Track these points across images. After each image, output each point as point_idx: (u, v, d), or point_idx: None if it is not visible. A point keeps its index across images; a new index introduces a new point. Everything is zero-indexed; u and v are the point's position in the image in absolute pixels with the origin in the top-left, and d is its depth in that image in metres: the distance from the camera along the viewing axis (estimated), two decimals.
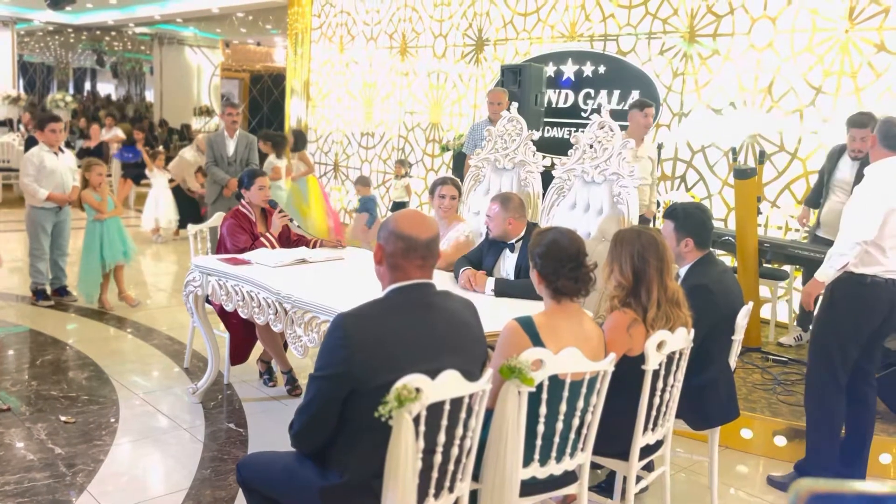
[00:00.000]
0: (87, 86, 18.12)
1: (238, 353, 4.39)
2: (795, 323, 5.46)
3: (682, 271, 3.19)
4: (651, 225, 5.44)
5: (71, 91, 17.87)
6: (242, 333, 4.32)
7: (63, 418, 3.79)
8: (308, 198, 7.80)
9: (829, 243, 4.94)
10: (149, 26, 15.84)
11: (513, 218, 3.78)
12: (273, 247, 4.28)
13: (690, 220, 3.17)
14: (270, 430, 3.86)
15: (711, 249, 3.29)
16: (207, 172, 6.62)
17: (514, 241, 3.81)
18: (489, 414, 2.21)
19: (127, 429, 3.75)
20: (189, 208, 8.94)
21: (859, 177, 4.79)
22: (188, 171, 9.09)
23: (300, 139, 8.35)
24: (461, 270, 3.74)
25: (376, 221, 7.31)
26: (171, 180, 9.04)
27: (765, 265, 5.29)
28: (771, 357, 4.92)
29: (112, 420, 3.85)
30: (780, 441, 3.90)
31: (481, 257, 3.93)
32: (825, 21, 5.66)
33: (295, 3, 10.55)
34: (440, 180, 4.40)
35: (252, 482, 2.27)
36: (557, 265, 2.42)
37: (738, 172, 4.94)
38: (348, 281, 3.73)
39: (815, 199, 5.17)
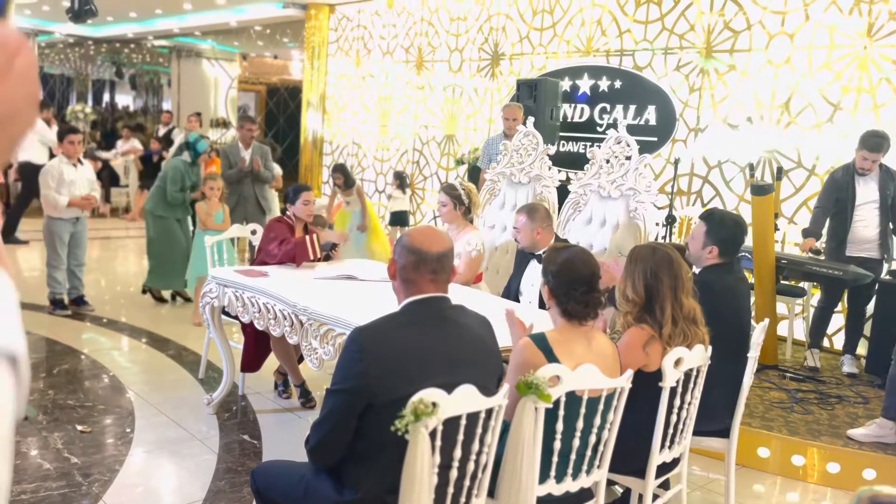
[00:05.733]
0: (106, 97, 18.29)
1: (251, 362, 4.39)
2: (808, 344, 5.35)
3: (697, 270, 3.21)
4: None
5: (90, 102, 18.07)
6: (257, 342, 4.33)
7: (79, 427, 3.81)
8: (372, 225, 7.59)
9: (859, 261, 4.91)
10: (167, 39, 16.01)
11: (540, 227, 3.80)
12: (314, 251, 4.19)
13: (723, 230, 3.17)
14: (285, 441, 3.86)
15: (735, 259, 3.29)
16: (223, 177, 6.65)
17: (541, 251, 3.82)
18: (505, 429, 2.20)
19: (142, 439, 3.77)
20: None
21: (883, 189, 4.80)
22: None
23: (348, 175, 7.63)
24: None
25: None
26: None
27: (782, 282, 5.25)
28: (788, 374, 4.87)
29: (127, 430, 3.86)
30: (798, 460, 3.86)
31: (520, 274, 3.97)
32: (843, 37, 5.64)
33: (312, 18, 10.65)
34: (440, 188, 4.43)
35: (266, 491, 2.27)
36: (569, 288, 2.39)
37: (756, 188, 4.92)
38: (364, 294, 3.73)
39: (817, 228, 5.09)
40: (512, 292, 4.00)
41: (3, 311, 0.50)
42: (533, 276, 3.84)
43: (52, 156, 9.71)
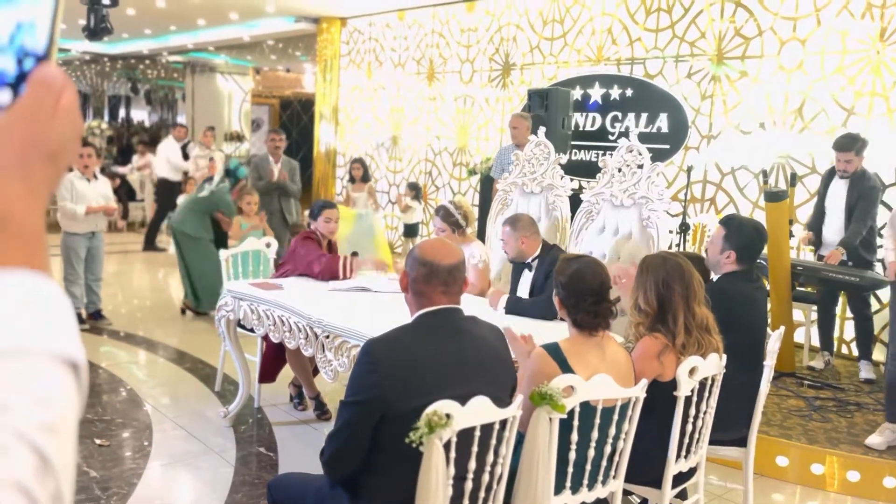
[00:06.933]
0: (122, 113, 18.50)
1: (268, 372, 4.41)
2: (820, 347, 5.35)
3: (716, 278, 3.21)
4: None
5: (106, 118, 18.29)
6: (275, 352, 4.35)
7: (97, 441, 3.84)
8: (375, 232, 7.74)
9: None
10: (182, 54, 16.18)
11: (524, 236, 3.81)
12: (346, 272, 4.17)
13: (741, 236, 3.19)
14: (301, 453, 3.87)
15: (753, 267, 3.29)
16: (256, 189, 6.69)
17: (530, 259, 3.84)
18: (519, 440, 2.21)
19: (159, 452, 3.79)
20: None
21: (850, 196, 4.83)
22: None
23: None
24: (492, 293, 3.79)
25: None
26: None
27: (797, 288, 5.22)
28: (806, 382, 4.83)
29: (145, 443, 3.89)
30: (817, 469, 3.82)
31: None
32: (856, 42, 5.61)
33: (324, 31, 10.73)
34: (434, 212, 4.42)
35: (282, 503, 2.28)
36: (578, 299, 2.41)
37: (770, 195, 4.90)
38: (378, 305, 3.75)
39: (816, 222, 5.21)
40: None
41: (63, 320, 0.53)
42: (526, 286, 3.85)
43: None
